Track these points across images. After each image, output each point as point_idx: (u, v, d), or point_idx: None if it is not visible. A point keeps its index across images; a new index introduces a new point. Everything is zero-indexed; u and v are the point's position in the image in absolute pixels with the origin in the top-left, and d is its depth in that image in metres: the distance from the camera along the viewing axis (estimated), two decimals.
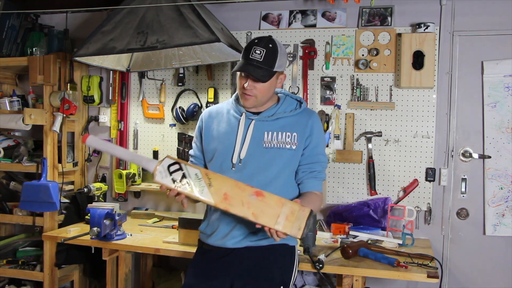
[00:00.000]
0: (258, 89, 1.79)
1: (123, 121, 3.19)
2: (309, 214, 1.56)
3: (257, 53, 1.76)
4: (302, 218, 1.56)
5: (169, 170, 1.63)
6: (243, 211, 1.59)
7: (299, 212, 1.57)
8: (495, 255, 2.65)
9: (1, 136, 3.15)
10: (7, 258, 2.98)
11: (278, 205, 1.58)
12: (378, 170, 2.77)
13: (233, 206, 1.59)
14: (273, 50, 1.78)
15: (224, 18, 2.91)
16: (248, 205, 1.59)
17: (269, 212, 1.57)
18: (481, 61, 2.65)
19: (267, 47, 1.77)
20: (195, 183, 1.62)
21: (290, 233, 1.56)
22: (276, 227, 1.56)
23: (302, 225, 1.55)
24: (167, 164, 1.64)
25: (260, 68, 1.76)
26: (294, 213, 1.56)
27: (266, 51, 1.76)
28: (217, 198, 1.61)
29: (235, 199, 1.60)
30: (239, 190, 1.62)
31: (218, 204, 1.61)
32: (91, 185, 3.01)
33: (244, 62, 1.78)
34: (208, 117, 1.95)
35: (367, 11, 2.78)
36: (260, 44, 1.77)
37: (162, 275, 3.01)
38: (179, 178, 1.63)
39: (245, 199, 1.60)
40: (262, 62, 1.76)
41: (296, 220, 1.56)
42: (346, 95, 2.83)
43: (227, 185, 1.63)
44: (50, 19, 3.32)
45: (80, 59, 2.64)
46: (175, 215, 2.97)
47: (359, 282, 2.18)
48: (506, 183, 2.63)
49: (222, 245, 1.82)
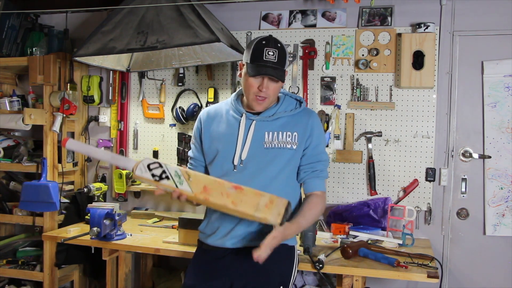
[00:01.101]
0: (271, 90, 1.78)
1: (123, 121, 3.19)
2: (287, 204, 1.61)
3: (271, 54, 1.74)
4: (281, 206, 1.60)
5: (149, 167, 1.67)
6: (223, 200, 1.62)
7: (277, 201, 1.61)
8: (495, 255, 2.65)
9: (1, 136, 3.15)
10: (7, 258, 2.98)
11: (257, 196, 1.63)
12: (378, 170, 2.77)
13: (212, 196, 1.63)
14: (283, 49, 1.78)
15: (224, 18, 2.91)
16: (227, 195, 1.62)
17: (248, 201, 1.61)
18: (481, 61, 2.65)
19: (278, 47, 1.76)
20: (174, 177, 1.66)
21: (270, 219, 1.59)
22: (255, 214, 1.59)
23: (282, 212, 1.58)
24: (146, 163, 1.68)
25: (277, 69, 1.75)
26: (273, 202, 1.61)
27: (279, 51, 1.75)
28: (196, 189, 1.64)
29: (214, 190, 1.64)
30: (218, 184, 1.65)
31: (197, 194, 1.64)
32: (91, 185, 3.00)
33: (259, 65, 1.75)
34: (207, 117, 1.94)
35: (367, 11, 2.78)
36: (270, 45, 1.75)
37: (162, 275, 3.01)
38: (159, 174, 1.66)
39: (224, 191, 1.63)
40: (277, 63, 1.74)
41: (275, 208, 1.60)
42: (346, 95, 2.83)
43: (206, 180, 1.68)
44: (50, 19, 3.32)
45: (80, 59, 2.64)
46: (175, 215, 2.97)
47: (359, 282, 2.18)
48: (506, 183, 2.63)
49: (222, 245, 1.82)
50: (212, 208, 1.77)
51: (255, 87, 1.77)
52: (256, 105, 1.82)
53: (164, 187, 1.65)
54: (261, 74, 1.75)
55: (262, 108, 1.83)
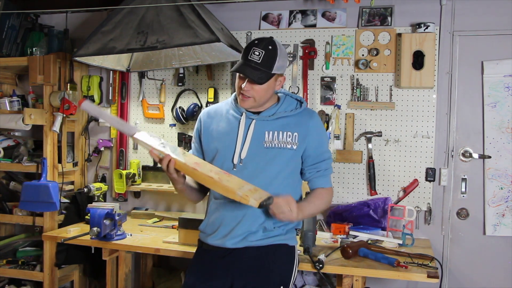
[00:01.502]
0: (255, 90, 1.78)
1: None
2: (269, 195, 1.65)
3: (256, 54, 1.74)
4: (264, 195, 1.65)
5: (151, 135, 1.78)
6: (210, 174, 1.68)
7: (261, 191, 1.67)
8: (495, 255, 2.65)
9: (1, 136, 3.15)
10: (7, 258, 2.98)
11: (243, 182, 1.69)
12: (378, 170, 2.77)
13: (201, 168, 1.70)
14: (273, 51, 1.76)
15: (224, 18, 2.91)
16: (215, 172, 1.70)
17: (233, 182, 1.67)
18: (481, 61, 2.65)
19: (266, 49, 1.75)
20: (170, 149, 1.74)
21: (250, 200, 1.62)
22: (238, 191, 1.62)
23: (263, 197, 1.63)
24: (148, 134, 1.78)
25: (258, 70, 1.75)
26: (257, 190, 1.67)
27: (265, 53, 1.74)
28: (188, 161, 1.72)
29: (204, 167, 1.72)
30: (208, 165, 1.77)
31: (188, 163, 1.71)
32: (91, 185, 3.00)
33: (242, 62, 1.77)
34: (207, 117, 1.94)
35: (367, 11, 2.78)
36: (260, 46, 1.75)
37: (162, 275, 3.01)
38: (157, 143, 1.75)
39: (214, 169, 1.72)
40: (260, 64, 1.74)
41: (257, 194, 1.64)
42: (346, 95, 2.83)
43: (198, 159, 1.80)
44: (50, 19, 3.32)
45: (80, 59, 2.64)
46: (175, 215, 2.97)
47: (359, 282, 2.18)
48: (506, 183, 2.63)
49: (222, 245, 1.82)
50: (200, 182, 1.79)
51: (239, 84, 1.80)
52: (240, 101, 1.84)
53: (159, 152, 1.71)
54: (238, 71, 1.78)
55: (246, 106, 1.83)
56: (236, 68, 1.78)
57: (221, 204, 1.84)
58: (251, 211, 1.78)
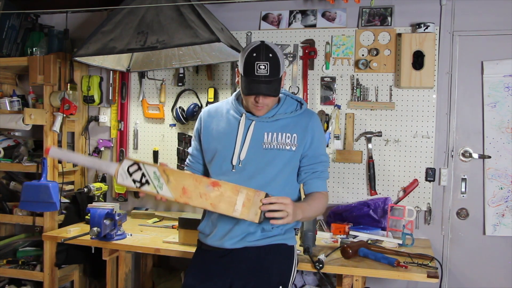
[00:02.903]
0: (269, 100, 1.78)
1: (123, 121, 3.19)
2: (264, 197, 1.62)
3: (262, 68, 1.70)
4: (259, 203, 1.62)
5: (129, 171, 1.71)
6: (202, 203, 1.67)
7: (255, 198, 1.63)
8: (495, 255, 2.65)
9: (1, 136, 3.15)
10: (7, 258, 2.98)
11: (234, 193, 1.65)
12: (378, 170, 2.77)
13: (192, 199, 1.68)
14: (275, 59, 1.72)
15: (224, 18, 2.91)
16: (205, 196, 1.67)
17: (226, 201, 1.65)
18: (481, 61, 2.65)
19: (269, 59, 1.70)
20: (154, 181, 1.70)
21: (248, 219, 1.62)
22: (234, 214, 1.62)
23: (259, 211, 1.61)
24: (126, 166, 1.71)
25: (270, 83, 1.72)
26: (250, 200, 1.63)
27: (270, 63, 1.70)
28: (176, 193, 1.69)
29: (193, 192, 1.68)
30: (196, 182, 1.69)
31: (178, 199, 1.69)
32: (91, 185, 3.00)
33: (251, 81, 1.72)
34: (208, 116, 1.95)
35: (367, 11, 2.78)
36: (261, 58, 1.70)
37: (162, 275, 3.01)
38: (139, 178, 1.71)
39: (203, 190, 1.68)
40: (270, 76, 1.70)
41: (252, 206, 1.62)
42: (346, 95, 2.83)
43: (184, 179, 1.70)
44: (50, 19, 3.32)
45: (80, 59, 2.65)
46: (175, 215, 2.97)
47: (359, 282, 2.18)
48: (506, 183, 2.63)
49: (221, 246, 1.82)
50: None
51: (251, 100, 1.78)
52: (256, 111, 1.82)
53: (146, 193, 1.72)
54: (254, 93, 1.73)
55: (262, 114, 1.83)
56: (249, 90, 1.73)
57: None
58: None
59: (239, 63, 1.77)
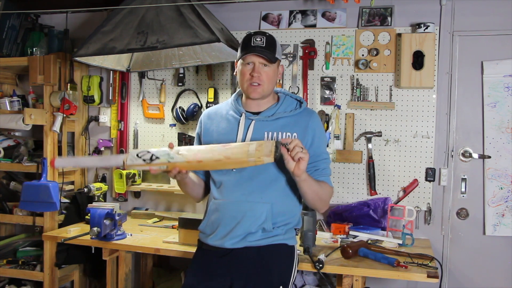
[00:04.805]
0: (265, 73, 1.80)
1: (123, 121, 3.19)
2: (275, 142, 1.63)
3: (258, 40, 1.78)
4: (271, 145, 1.62)
5: (137, 155, 1.72)
6: (215, 157, 1.68)
7: (265, 143, 1.65)
8: (495, 255, 2.65)
9: (1, 136, 3.15)
10: (7, 258, 2.98)
11: (245, 145, 1.68)
12: (378, 170, 2.77)
13: (204, 158, 1.69)
14: (271, 37, 1.83)
15: (224, 18, 2.91)
16: (217, 153, 1.68)
17: (238, 151, 1.66)
18: (481, 61, 2.65)
19: (266, 35, 1.81)
20: (163, 157, 1.71)
21: (263, 159, 1.61)
22: (249, 159, 1.62)
23: (273, 149, 1.61)
24: (134, 153, 1.73)
25: (265, 51, 1.78)
26: (261, 145, 1.64)
27: (266, 38, 1.80)
28: (189, 157, 1.70)
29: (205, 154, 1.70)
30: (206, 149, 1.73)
31: (190, 160, 1.69)
32: (91, 185, 3.01)
33: (247, 51, 1.79)
34: (207, 118, 1.95)
35: (367, 11, 2.78)
36: (259, 33, 1.81)
37: (162, 275, 3.01)
38: (148, 158, 1.71)
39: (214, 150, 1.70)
40: (265, 47, 1.78)
41: (265, 149, 1.62)
42: (346, 95, 2.83)
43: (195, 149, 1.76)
44: (50, 19, 3.32)
45: (80, 59, 2.65)
46: (175, 215, 2.97)
47: (359, 282, 2.18)
48: (506, 183, 2.63)
49: (221, 245, 1.82)
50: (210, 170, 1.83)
51: (247, 74, 1.80)
52: (251, 91, 1.82)
53: (158, 166, 1.70)
54: (249, 53, 1.78)
55: (257, 95, 1.83)
56: (243, 53, 1.79)
57: (221, 205, 1.84)
58: (250, 212, 1.78)
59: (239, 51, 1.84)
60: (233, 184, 1.82)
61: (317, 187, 1.77)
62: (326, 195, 1.84)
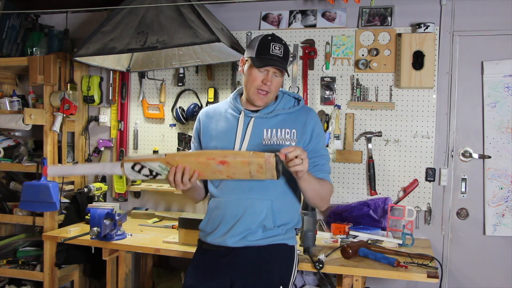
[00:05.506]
0: (275, 83, 1.82)
1: (123, 121, 3.19)
2: (276, 161, 1.58)
3: (277, 49, 1.79)
4: (271, 168, 1.58)
5: (134, 169, 1.68)
6: (218, 177, 1.67)
7: (266, 166, 1.59)
8: (495, 255, 2.65)
9: (1, 136, 3.15)
10: (7, 258, 2.98)
11: (245, 165, 1.61)
12: (378, 170, 2.77)
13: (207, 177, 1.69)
14: (287, 46, 1.84)
15: (224, 18, 2.91)
16: (219, 173, 1.64)
17: (240, 172, 1.62)
18: (481, 61, 2.65)
19: (283, 44, 1.82)
20: (164, 172, 1.67)
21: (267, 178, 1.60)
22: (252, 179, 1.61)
23: (274, 173, 1.59)
24: (129, 167, 1.68)
25: (282, 64, 1.80)
26: (262, 167, 1.59)
27: (284, 48, 1.81)
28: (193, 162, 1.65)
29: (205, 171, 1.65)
30: (204, 165, 1.64)
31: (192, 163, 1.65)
32: (91, 185, 3.00)
33: (266, 58, 1.78)
34: (206, 116, 1.95)
35: (367, 11, 2.78)
36: (277, 40, 1.81)
37: (162, 275, 3.01)
38: (148, 173, 1.68)
39: (214, 169, 1.64)
40: (283, 58, 1.80)
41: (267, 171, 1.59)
42: (346, 95, 2.83)
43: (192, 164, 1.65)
44: (50, 19, 3.32)
45: (80, 59, 2.65)
46: (175, 215, 2.97)
47: (359, 282, 2.18)
48: (506, 183, 2.63)
49: (222, 243, 1.82)
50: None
51: (259, 81, 1.80)
52: (257, 99, 1.82)
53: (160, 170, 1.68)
54: (268, 65, 1.77)
55: (263, 103, 1.84)
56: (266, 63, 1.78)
57: (221, 202, 1.84)
58: (250, 209, 1.79)
59: (249, 49, 1.83)
60: (232, 183, 1.82)
61: (317, 185, 1.77)
62: (327, 193, 1.84)
